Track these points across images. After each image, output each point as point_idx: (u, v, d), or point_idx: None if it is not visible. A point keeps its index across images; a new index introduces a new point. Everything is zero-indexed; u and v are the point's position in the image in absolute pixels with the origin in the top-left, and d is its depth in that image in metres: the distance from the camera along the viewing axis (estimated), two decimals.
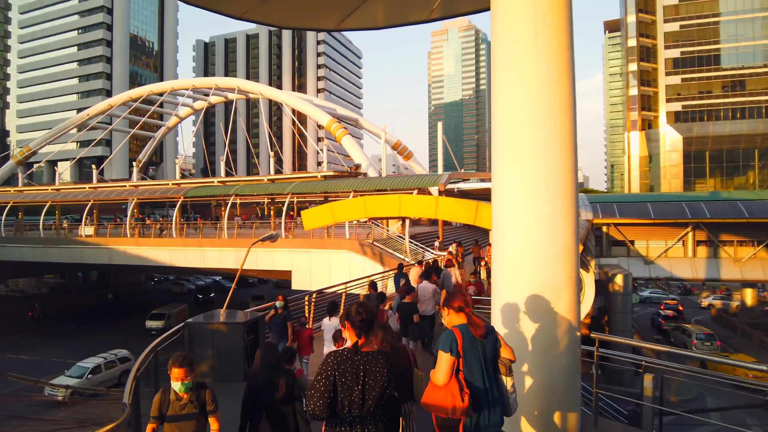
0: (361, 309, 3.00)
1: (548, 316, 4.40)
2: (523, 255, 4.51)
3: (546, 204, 4.43)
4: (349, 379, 2.79)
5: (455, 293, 3.61)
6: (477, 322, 3.39)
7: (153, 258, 31.95)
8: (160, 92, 48.91)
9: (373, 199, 12.09)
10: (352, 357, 2.86)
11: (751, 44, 73.16)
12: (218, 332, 8.92)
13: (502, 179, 4.63)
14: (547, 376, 4.42)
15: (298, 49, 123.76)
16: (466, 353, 3.25)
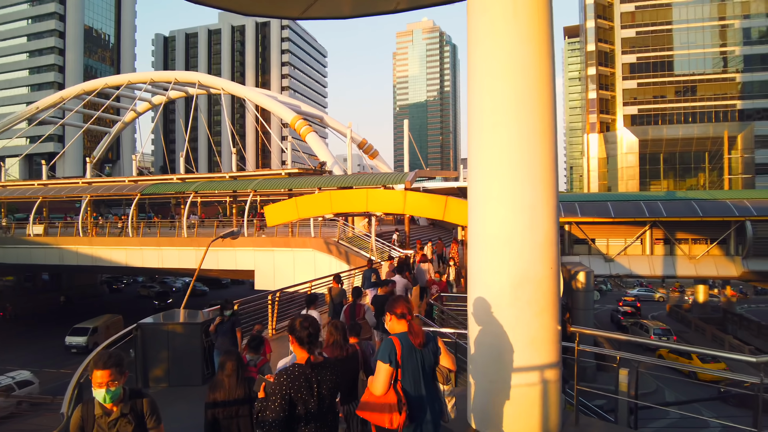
0: (306, 323, 2.98)
1: (529, 308, 4.16)
2: (501, 245, 4.25)
3: (525, 190, 4.19)
4: (305, 393, 2.81)
5: (398, 298, 3.49)
6: (417, 330, 3.31)
7: (108, 258, 30.51)
8: (116, 85, 46.82)
9: (340, 194, 11.72)
10: (304, 372, 2.86)
11: (701, 51, 76.39)
12: (174, 334, 8.38)
13: (480, 164, 4.37)
14: (527, 372, 4.18)
15: (261, 45, 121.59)
16: (405, 363, 3.19)
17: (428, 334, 3.42)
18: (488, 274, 4.34)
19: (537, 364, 4.19)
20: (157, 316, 8.93)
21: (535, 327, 4.19)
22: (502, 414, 4.21)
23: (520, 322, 4.19)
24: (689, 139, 75.11)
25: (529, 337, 4.18)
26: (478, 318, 4.41)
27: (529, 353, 4.19)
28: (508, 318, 4.22)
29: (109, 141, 54.55)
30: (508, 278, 4.21)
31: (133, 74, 50.94)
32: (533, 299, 4.18)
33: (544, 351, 4.22)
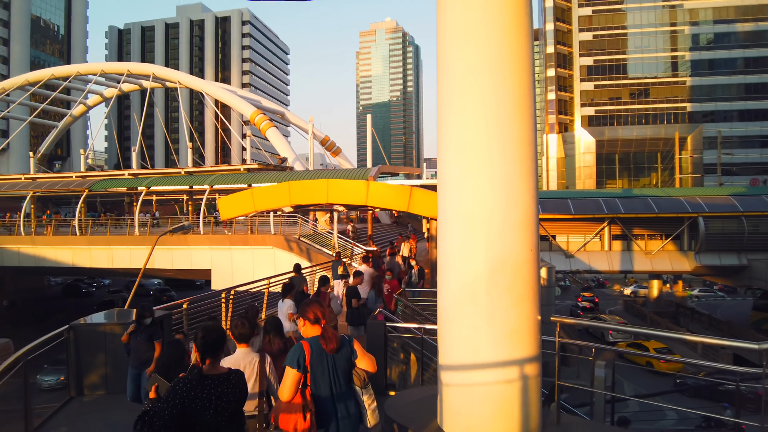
0: (203, 333, 2.90)
1: (508, 296, 3.69)
2: (477, 225, 3.76)
3: (503, 161, 3.72)
4: (200, 405, 2.71)
5: (311, 302, 3.40)
6: (330, 335, 3.24)
7: (53, 258, 28.67)
8: (64, 76, 44.17)
9: (299, 185, 11.06)
10: (201, 382, 2.76)
11: (654, 56, 79.22)
12: (113, 336, 7.54)
13: (451, 134, 3.87)
14: (506, 368, 3.71)
15: (221, 41, 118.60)
16: (314, 368, 3.14)
17: (343, 337, 3.31)
18: (462, 259, 3.84)
19: (516, 358, 3.72)
20: (93, 316, 8.06)
21: (514, 316, 3.72)
22: (478, 415, 3.73)
23: (498, 312, 3.71)
24: (643, 139, 77.75)
25: (507, 328, 3.71)
26: (451, 309, 3.92)
27: (508, 346, 3.73)
28: (485, 307, 3.73)
29: (55, 134, 51.55)
30: (485, 263, 3.72)
31: (82, 65, 48.31)
32: (512, 285, 3.71)
33: (524, 343, 3.76)
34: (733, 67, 76.78)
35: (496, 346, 3.72)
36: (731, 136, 72.75)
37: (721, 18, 77.12)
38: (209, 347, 2.86)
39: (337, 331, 4.17)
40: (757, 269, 31.22)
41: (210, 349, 2.86)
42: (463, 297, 3.81)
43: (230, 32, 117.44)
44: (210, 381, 2.80)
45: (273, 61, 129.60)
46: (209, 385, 2.78)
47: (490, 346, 3.73)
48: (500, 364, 3.72)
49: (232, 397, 2.85)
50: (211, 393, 2.76)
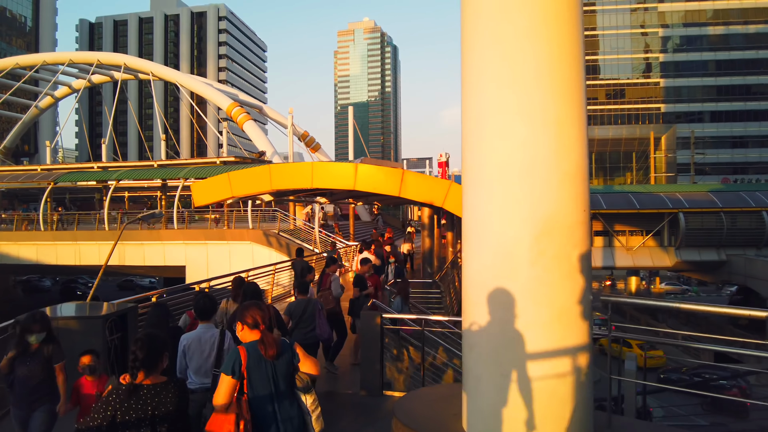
0: (135, 347, 2.78)
1: (557, 267, 2.95)
2: (518, 176, 3.01)
3: (554, 95, 2.97)
4: (134, 416, 2.64)
5: (250, 305, 3.23)
6: (269, 341, 3.07)
7: (15, 255, 26.97)
8: (30, 65, 41.89)
9: (281, 168, 10.21)
10: (137, 392, 2.70)
11: (629, 57, 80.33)
12: (67, 331, 6.55)
13: (485, 61, 3.10)
14: (555, 358, 2.96)
15: (197, 37, 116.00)
16: (251, 374, 3.00)
17: (284, 342, 3.18)
18: (499, 222, 3.08)
19: (568, 345, 2.98)
20: (52, 308, 7.05)
21: (565, 293, 2.98)
22: (519, 418, 2.97)
23: (546, 287, 2.97)
24: (618, 139, 78.72)
25: (557, 307, 2.97)
26: (482, 287, 3.15)
27: (557, 331, 2.98)
28: (529, 282, 2.99)
29: (19, 127, 49.10)
30: (529, 224, 2.97)
31: (49, 54, 46.12)
32: (562, 254, 2.97)
33: (576, 327, 3.03)
34: (705, 70, 78.34)
35: (544, 331, 2.98)
36: (703, 136, 74.18)
37: (693, 21, 78.65)
38: (141, 363, 2.70)
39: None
40: (736, 264, 31.44)
41: (142, 364, 2.71)
42: (500, 270, 3.06)
43: (206, 28, 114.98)
44: (146, 391, 2.70)
45: (250, 59, 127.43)
46: (145, 396, 2.69)
47: (535, 331, 2.98)
48: (548, 354, 2.98)
49: (171, 407, 2.76)
50: (147, 403, 2.68)
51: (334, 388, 6.94)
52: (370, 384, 6.46)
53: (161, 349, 2.84)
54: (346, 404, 6.39)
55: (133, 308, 7.31)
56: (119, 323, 7.07)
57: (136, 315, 7.48)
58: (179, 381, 2.93)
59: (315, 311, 6.53)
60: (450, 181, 9.38)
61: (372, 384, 6.45)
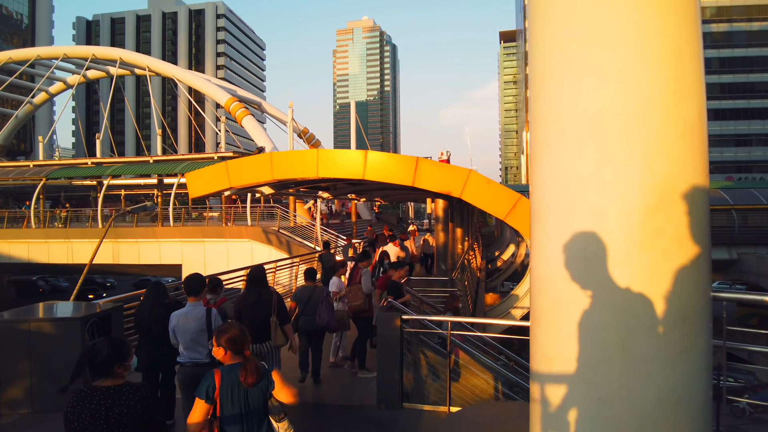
0: (89, 351, 2.85)
1: (678, 250, 2.13)
2: (622, 130, 2.19)
3: (665, 23, 2.16)
4: (89, 416, 2.68)
5: (232, 330, 3.10)
6: (251, 369, 3.00)
7: (5, 253, 26.13)
8: (24, 59, 40.94)
9: (283, 156, 9.39)
10: (90, 394, 2.75)
11: None
12: (39, 335, 5.73)
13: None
14: (674, 381, 2.13)
15: (195, 34, 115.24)
16: (223, 400, 2.99)
17: (264, 370, 3.12)
18: (594, 192, 2.25)
19: (692, 358, 2.14)
20: (15, 311, 6.21)
21: (689, 286, 2.15)
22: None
23: (663, 279, 2.14)
24: None
25: (678, 306, 2.14)
26: (569, 281, 2.33)
27: (678, 339, 2.16)
28: (639, 272, 2.16)
29: (14, 124, 48.04)
30: (639, 194, 2.15)
31: (43, 48, 45.12)
32: (684, 233, 2.14)
33: (701, 333, 2.19)
34: (708, 67, 77.53)
35: (659, 339, 2.15)
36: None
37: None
38: (92, 369, 2.82)
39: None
40: (748, 263, 30.64)
41: (93, 371, 2.82)
42: (595, 259, 2.22)
43: (204, 25, 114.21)
44: (99, 393, 2.77)
45: (249, 57, 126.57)
46: (98, 397, 2.76)
47: (647, 339, 2.15)
48: (665, 369, 2.14)
49: (126, 408, 2.77)
50: (101, 405, 2.74)
51: (347, 401, 6.11)
52: (388, 395, 5.64)
53: (121, 356, 2.83)
54: (362, 419, 5.56)
55: (117, 309, 6.47)
56: (101, 326, 6.23)
57: (122, 316, 6.64)
58: (137, 385, 2.89)
59: (320, 299, 6.60)
60: (469, 170, 8.56)
61: (390, 395, 5.63)
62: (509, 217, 8.45)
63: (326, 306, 6.62)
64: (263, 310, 5.15)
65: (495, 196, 8.55)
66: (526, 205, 8.53)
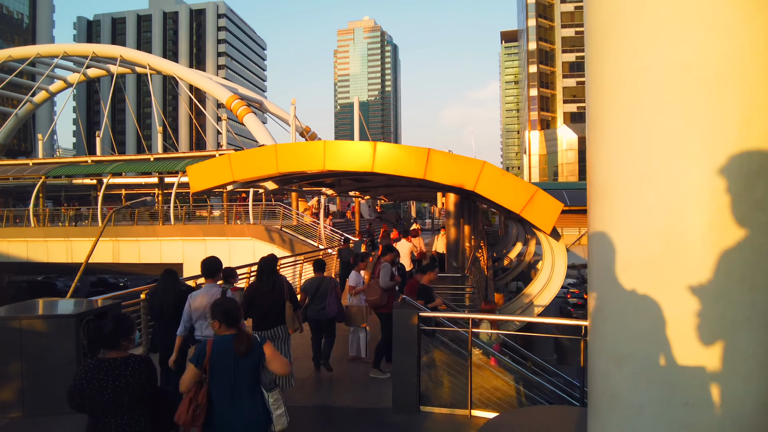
0: (97, 326, 3.03)
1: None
2: (713, 83, 1.82)
3: None
4: (96, 386, 2.86)
5: (227, 303, 3.33)
6: (242, 338, 3.19)
7: (4, 252, 25.78)
8: (23, 57, 40.57)
9: (288, 148, 9.01)
10: (98, 366, 2.92)
11: None
12: (31, 333, 5.37)
13: None
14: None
15: (196, 34, 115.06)
16: (214, 368, 3.13)
17: (255, 339, 3.25)
18: (677, 157, 1.88)
19: None
20: (6, 308, 5.85)
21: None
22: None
23: (766, 260, 1.76)
24: None
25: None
26: (642, 266, 1.97)
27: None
28: (736, 252, 1.79)
29: (14, 123, 47.66)
30: (735, 160, 1.78)
31: (43, 46, 44.77)
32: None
33: None
34: None
35: (764, 331, 1.78)
36: None
37: None
38: (100, 341, 2.97)
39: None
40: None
41: (102, 343, 2.97)
42: (680, 236, 1.85)
43: (205, 25, 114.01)
44: (107, 364, 2.92)
45: (249, 57, 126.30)
46: (106, 368, 2.91)
47: (748, 330, 1.78)
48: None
49: (131, 379, 2.93)
50: (108, 375, 2.88)
51: (358, 403, 5.74)
52: (403, 398, 5.27)
53: (125, 330, 3.02)
54: (376, 424, 5.19)
55: (114, 306, 6.10)
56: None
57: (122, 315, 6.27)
58: (141, 357, 3.07)
59: (328, 289, 6.78)
60: (483, 161, 8.19)
61: (406, 398, 5.26)
62: (526, 211, 8.09)
63: (335, 297, 6.79)
64: (277, 297, 5.44)
65: (511, 189, 8.18)
66: (544, 199, 8.16)
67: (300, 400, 5.74)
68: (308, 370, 6.83)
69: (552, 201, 8.16)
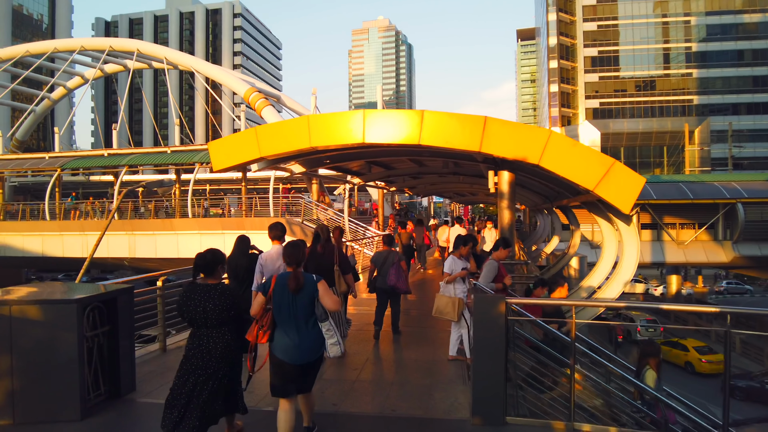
0: (200, 256, 3.83)
1: None
2: None
3: None
4: (192, 303, 3.68)
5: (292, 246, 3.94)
6: (294, 276, 3.73)
7: (19, 247, 25.20)
8: (41, 53, 40.12)
9: (322, 120, 7.93)
10: (194, 289, 3.75)
11: (661, 47, 76.88)
12: (24, 323, 4.34)
13: None
14: None
15: (212, 34, 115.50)
16: (276, 298, 3.74)
17: (310, 278, 3.78)
18: None
19: None
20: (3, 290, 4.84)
21: None
22: None
23: None
24: (648, 133, 75.27)
25: None
26: None
27: None
28: None
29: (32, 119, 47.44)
30: None
31: (60, 41, 44.46)
32: None
33: None
34: (741, 59, 74.65)
35: None
36: (740, 129, 70.52)
37: (729, 9, 74.92)
38: (198, 269, 3.82)
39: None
40: None
41: (200, 269, 3.81)
42: None
43: (221, 25, 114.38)
44: (200, 288, 3.74)
45: (265, 56, 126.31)
46: (199, 291, 3.72)
47: None
48: None
49: (218, 301, 3.68)
50: (200, 297, 3.69)
51: (426, 411, 4.57)
52: (486, 407, 4.14)
53: (217, 262, 3.83)
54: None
55: (126, 291, 5.06)
56: (106, 312, 4.84)
57: (132, 301, 5.24)
58: (227, 286, 3.88)
59: (393, 261, 7.49)
60: (548, 129, 7.03)
61: (490, 407, 4.13)
62: (601, 187, 6.90)
63: (397, 268, 7.41)
64: (327, 261, 6.04)
65: (583, 162, 6.99)
66: (622, 172, 6.97)
67: (351, 406, 4.66)
68: (357, 369, 5.74)
69: (632, 174, 6.97)
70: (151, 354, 6.49)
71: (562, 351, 4.21)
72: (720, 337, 32.78)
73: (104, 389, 4.81)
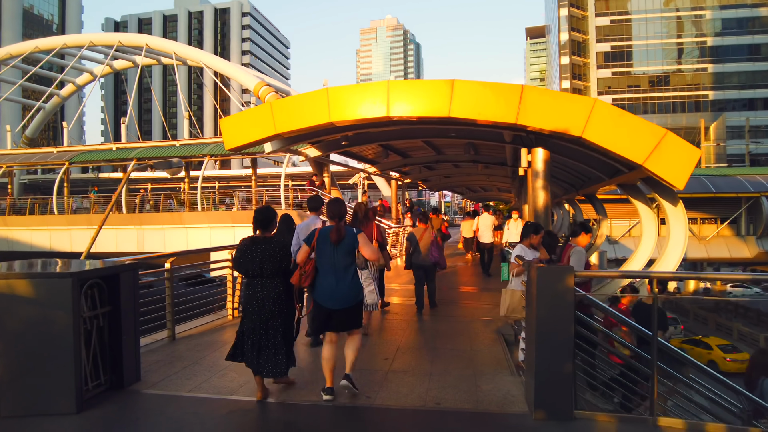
0: (259, 210, 4.27)
1: None
2: None
3: None
4: (249, 256, 4.11)
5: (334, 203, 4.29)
6: (335, 229, 4.09)
7: (27, 241, 24.86)
8: (49, 49, 39.98)
9: (343, 92, 7.30)
10: (252, 242, 4.18)
11: (675, 41, 75.57)
12: (11, 300, 3.75)
13: None
14: None
15: (221, 33, 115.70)
16: (319, 247, 4.13)
17: (350, 231, 4.16)
18: None
19: None
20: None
21: None
22: None
23: None
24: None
25: None
26: None
27: None
28: None
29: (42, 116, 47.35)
30: None
31: (69, 36, 44.21)
32: None
33: None
34: (758, 54, 73.17)
35: None
36: (757, 125, 69.08)
37: (744, 2, 73.48)
38: (257, 223, 4.24)
39: None
40: None
41: (258, 225, 4.24)
42: None
43: (230, 24, 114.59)
44: (258, 241, 4.18)
45: (273, 55, 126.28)
46: (257, 244, 4.16)
47: None
48: None
49: (273, 253, 4.13)
50: (257, 249, 4.13)
51: (477, 406, 3.93)
52: (550, 399, 3.50)
53: (272, 218, 4.33)
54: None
55: (128, 267, 4.47)
56: (106, 291, 4.26)
57: (136, 280, 4.64)
58: (280, 240, 4.34)
59: (431, 239, 7.85)
60: (594, 98, 6.37)
61: (555, 400, 3.49)
62: (651, 160, 6.24)
63: (436, 246, 7.81)
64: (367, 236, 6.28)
65: (632, 132, 6.32)
66: (676, 143, 6.30)
67: (388, 398, 4.03)
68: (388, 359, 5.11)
69: (686, 146, 6.30)
70: (159, 342, 5.90)
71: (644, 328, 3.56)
72: (743, 336, 31.79)
73: (104, 379, 4.23)
